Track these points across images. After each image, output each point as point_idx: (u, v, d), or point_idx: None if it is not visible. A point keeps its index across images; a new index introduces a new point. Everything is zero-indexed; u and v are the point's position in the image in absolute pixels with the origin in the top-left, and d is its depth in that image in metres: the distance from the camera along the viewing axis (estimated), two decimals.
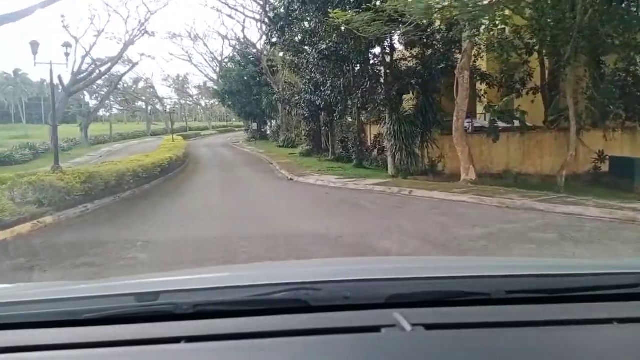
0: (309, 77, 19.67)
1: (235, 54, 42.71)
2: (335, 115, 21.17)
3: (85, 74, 35.65)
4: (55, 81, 36.91)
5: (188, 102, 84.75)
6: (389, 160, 16.69)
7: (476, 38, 13.81)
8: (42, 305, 1.18)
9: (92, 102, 55.30)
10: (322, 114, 22.91)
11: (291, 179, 16.17)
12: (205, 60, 66.14)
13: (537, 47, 15.90)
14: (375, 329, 1.01)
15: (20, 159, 26.23)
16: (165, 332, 1.03)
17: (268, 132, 43.31)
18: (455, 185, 12.06)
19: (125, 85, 62.37)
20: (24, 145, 29.59)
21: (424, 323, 1.02)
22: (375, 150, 20.21)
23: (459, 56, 15.08)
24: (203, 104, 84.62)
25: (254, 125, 45.94)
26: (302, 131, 29.04)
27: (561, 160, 14.52)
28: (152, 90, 68.09)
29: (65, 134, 42.13)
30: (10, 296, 1.36)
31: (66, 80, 34.08)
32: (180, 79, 73.08)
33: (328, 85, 17.69)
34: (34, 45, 12.55)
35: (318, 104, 19.94)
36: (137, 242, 6.76)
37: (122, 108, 76.73)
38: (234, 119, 75.76)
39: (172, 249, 6.67)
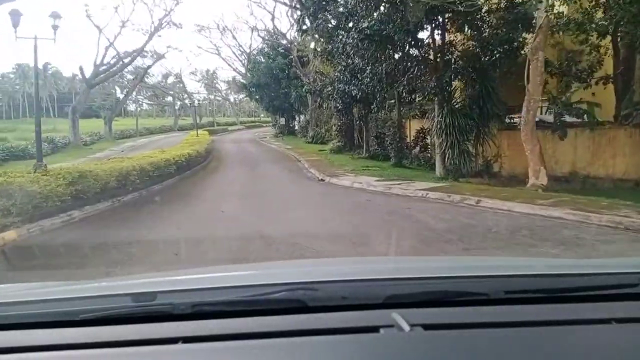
0: (344, 64, 17.41)
1: (264, 45, 41.00)
2: (372, 107, 18.86)
3: (107, 66, 34.24)
4: (77, 73, 36.02)
5: (217, 98, 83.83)
6: (437, 159, 14.43)
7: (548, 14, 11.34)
8: (38, 306, 1.15)
9: (122, 96, 54.60)
10: (357, 106, 20.79)
11: (322, 180, 14.04)
12: (234, 53, 64.41)
13: (611, 29, 13.40)
14: (374, 329, 1.00)
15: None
16: (162, 332, 1.01)
17: (296, 127, 41.75)
18: (534, 194, 9.62)
19: (155, 80, 61.76)
20: (43, 140, 28.29)
21: (422, 323, 1.00)
22: (417, 148, 18.11)
23: (527, 36, 12.73)
24: (231, 99, 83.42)
25: (282, 120, 44.22)
26: (332, 126, 27.27)
27: (637, 161, 12.85)
28: (180, 85, 67.35)
29: (90, 128, 41.51)
30: (6, 296, 1.29)
31: (88, 72, 32.82)
32: (210, 73, 71.98)
33: (367, 71, 15.36)
34: (14, 16, 10.52)
35: (354, 94, 17.73)
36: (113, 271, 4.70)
37: (151, 103, 76.44)
38: (262, 114, 74.28)
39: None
